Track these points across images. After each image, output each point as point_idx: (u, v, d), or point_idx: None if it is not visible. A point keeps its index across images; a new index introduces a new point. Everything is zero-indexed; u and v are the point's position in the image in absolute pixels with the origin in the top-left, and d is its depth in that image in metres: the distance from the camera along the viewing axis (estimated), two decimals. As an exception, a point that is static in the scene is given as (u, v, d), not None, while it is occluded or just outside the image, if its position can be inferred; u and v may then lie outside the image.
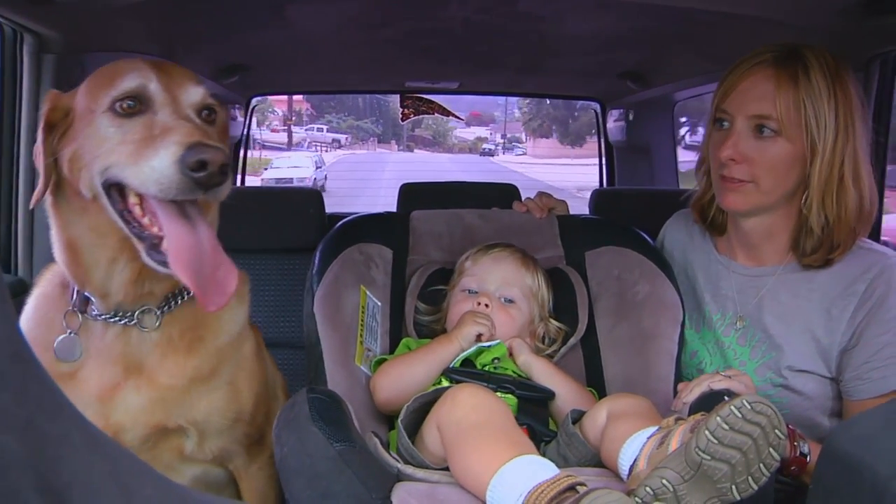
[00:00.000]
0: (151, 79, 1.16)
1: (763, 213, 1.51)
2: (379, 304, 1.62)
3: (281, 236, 2.50)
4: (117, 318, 1.24)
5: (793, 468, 1.29)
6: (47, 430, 0.41)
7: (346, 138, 29.00)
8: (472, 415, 1.18)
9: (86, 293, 1.25)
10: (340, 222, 1.72)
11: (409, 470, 1.22)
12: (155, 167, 1.06)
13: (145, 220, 1.14)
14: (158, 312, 1.26)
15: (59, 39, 1.76)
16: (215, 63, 2.70)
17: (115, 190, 1.15)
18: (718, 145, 1.49)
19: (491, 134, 32.54)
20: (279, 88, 3.99)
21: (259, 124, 23.99)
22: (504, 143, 31.69)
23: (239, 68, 2.80)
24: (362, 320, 1.55)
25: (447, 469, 1.20)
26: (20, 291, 1.81)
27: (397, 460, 1.25)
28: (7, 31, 1.75)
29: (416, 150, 30.88)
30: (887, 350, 1.41)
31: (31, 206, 1.26)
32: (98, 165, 1.14)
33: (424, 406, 1.33)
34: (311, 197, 2.58)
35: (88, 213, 1.20)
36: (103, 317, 1.24)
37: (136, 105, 1.14)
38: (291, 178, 16.92)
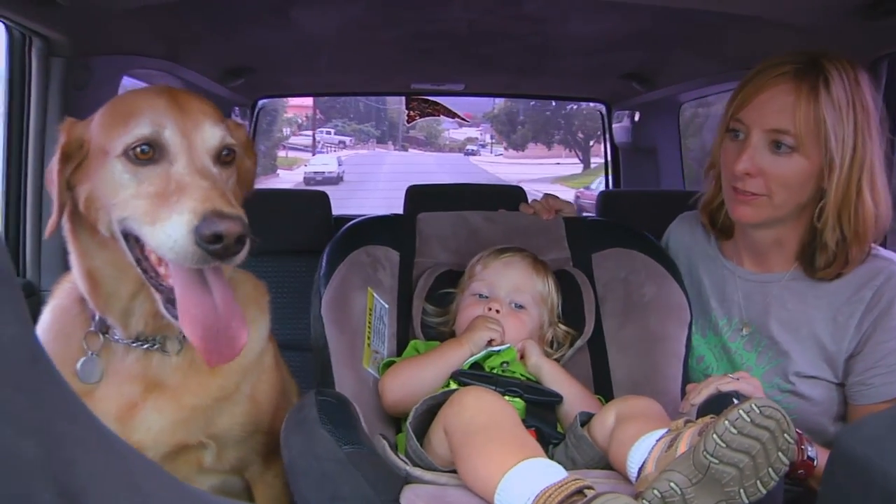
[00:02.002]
0: (167, 123, 1.11)
1: (773, 224, 1.49)
2: (386, 306, 1.62)
3: (288, 238, 2.50)
4: (139, 343, 1.23)
5: (800, 472, 1.28)
6: (63, 432, 0.42)
7: (351, 140, 32.31)
8: (479, 418, 1.18)
9: (106, 319, 1.23)
10: (347, 225, 1.72)
11: (417, 472, 1.22)
12: (170, 234, 1.02)
13: (161, 270, 1.12)
14: (181, 337, 1.24)
15: (66, 43, 1.76)
16: (220, 66, 2.71)
17: (133, 237, 1.12)
18: (732, 156, 1.46)
19: (481, 135, 34.28)
20: (284, 91, 4.00)
21: (291, 131, 29.94)
22: (492, 144, 33.65)
23: (244, 71, 2.81)
24: (370, 323, 1.55)
25: (455, 471, 1.19)
26: (28, 294, 1.82)
27: (406, 462, 1.25)
28: (15, 35, 1.76)
29: (410, 150, 33.59)
30: (892, 357, 1.40)
31: (45, 237, 1.23)
32: (115, 213, 1.11)
33: (433, 408, 1.33)
34: (317, 199, 2.58)
35: (108, 249, 1.18)
36: (125, 342, 1.23)
37: (150, 151, 1.10)
38: (324, 172, 23.70)
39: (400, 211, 2.15)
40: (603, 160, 3.87)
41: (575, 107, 26.01)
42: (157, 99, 1.15)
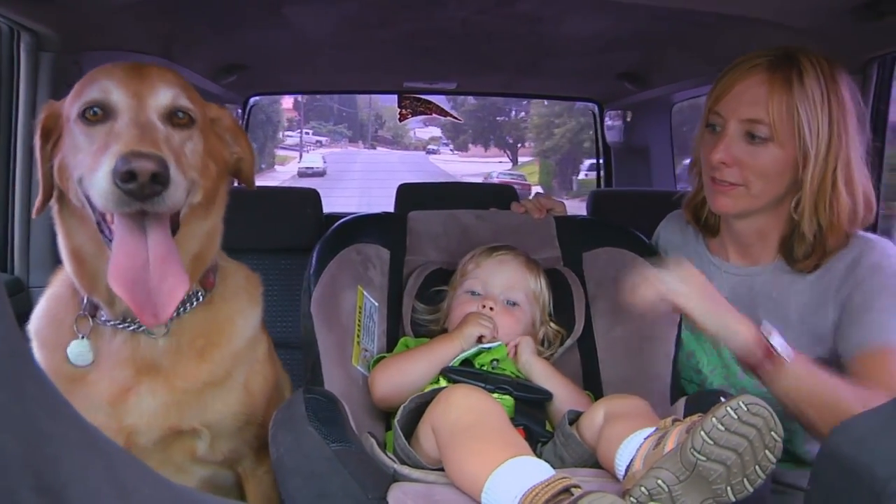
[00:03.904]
0: (117, 85, 1.14)
1: (754, 214, 1.52)
2: (376, 304, 1.62)
3: (278, 236, 2.50)
4: (126, 324, 1.24)
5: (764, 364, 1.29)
6: (45, 428, 0.41)
7: (327, 139, 35.86)
8: (467, 416, 1.18)
9: (94, 299, 1.24)
10: (338, 222, 1.72)
11: (405, 470, 1.22)
12: (98, 179, 1.04)
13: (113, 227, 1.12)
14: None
15: (56, 38, 1.75)
16: (213, 63, 2.69)
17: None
18: (710, 148, 1.49)
19: (444, 135, 36.36)
20: (277, 88, 3.98)
21: (284, 131, 33.40)
22: (454, 143, 36.00)
23: (237, 68, 2.80)
24: (359, 321, 1.54)
25: (443, 469, 1.19)
26: (17, 290, 1.81)
27: (393, 460, 1.25)
28: (4, 30, 1.75)
29: (378, 148, 36.89)
30: (861, 308, 1.40)
31: (33, 216, 1.25)
32: (75, 174, 1.14)
33: (421, 406, 1.33)
34: (308, 197, 2.58)
35: (87, 224, 1.18)
36: (112, 323, 1.24)
37: (100, 112, 1.13)
38: (313, 167, 27.84)
39: (373, 194, 2.16)
40: (529, 159, 3.92)
41: (506, 118, 30.60)
42: (117, 68, 1.18)
